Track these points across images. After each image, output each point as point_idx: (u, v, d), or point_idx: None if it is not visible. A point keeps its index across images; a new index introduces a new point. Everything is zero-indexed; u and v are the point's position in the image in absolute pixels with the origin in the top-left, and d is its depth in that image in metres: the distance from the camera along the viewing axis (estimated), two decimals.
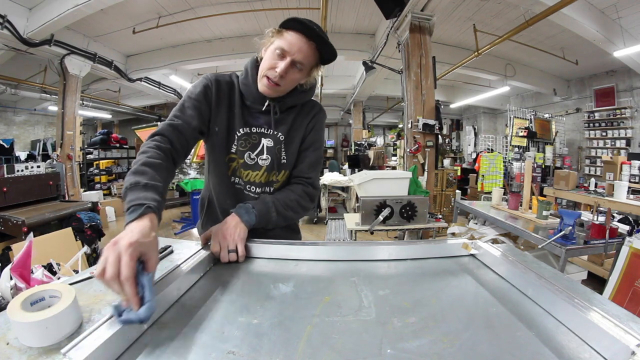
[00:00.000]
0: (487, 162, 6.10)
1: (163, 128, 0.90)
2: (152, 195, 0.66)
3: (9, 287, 0.69)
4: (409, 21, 4.00)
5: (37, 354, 0.44)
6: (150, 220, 0.61)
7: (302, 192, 1.03)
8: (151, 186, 0.69)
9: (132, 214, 0.61)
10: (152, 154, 0.79)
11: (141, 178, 0.69)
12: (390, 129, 13.75)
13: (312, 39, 0.89)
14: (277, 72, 0.89)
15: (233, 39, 6.07)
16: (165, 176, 0.77)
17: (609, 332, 0.45)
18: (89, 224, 3.32)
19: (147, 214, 0.61)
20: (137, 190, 0.67)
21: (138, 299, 0.50)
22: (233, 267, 0.79)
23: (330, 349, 0.47)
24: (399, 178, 2.63)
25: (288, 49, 0.88)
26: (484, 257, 0.81)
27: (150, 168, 0.74)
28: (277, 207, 0.95)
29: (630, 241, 1.88)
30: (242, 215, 0.89)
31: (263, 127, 1.02)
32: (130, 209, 0.62)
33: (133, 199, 0.64)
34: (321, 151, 1.12)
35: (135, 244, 0.53)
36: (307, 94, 1.06)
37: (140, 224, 0.59)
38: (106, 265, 0.50)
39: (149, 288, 0.51)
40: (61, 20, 4.27)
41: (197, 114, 0.94)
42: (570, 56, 6.15)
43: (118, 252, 0.51)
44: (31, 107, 8.91)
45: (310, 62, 0.93)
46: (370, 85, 7.99)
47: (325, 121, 1.14)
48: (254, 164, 1.02)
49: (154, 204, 0.64)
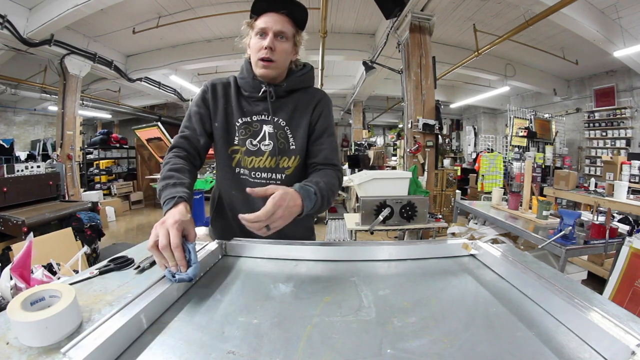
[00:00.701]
0: (487, 162, 6.10)
1: (176, 141, 1.02)
2: (181, 189, 0.81)
3: (9, 287, 0.69)
4: (409, 21, 4.00)
5: (37, 353, 0.44)
6: (184, 206, 0.75)
7: (337, 178, 1.02)
8: (179, 183, 0.84)
9: (168, 204, 0.75)
10: (173, 162, 0.93)
11: (170, 180, 0.84)
12: (390, 129, 13.75)
13: (281, 11, 0.95)
14: (265, 45, 0.94)
15: (233, 39, 6.02)
16: (189, 175, 0.91)
17: (609, 332, 0.45)
18: (89, 224, 3.32)
19: (180, 203, 0.75)
20: (168, 188, 0.81)
21: (186, 262, 0.63)
22: (233, 267, 0.79)
23: (330, 349, 0.47)
24: (399, 178, 2.63)
25: (265, 25, 0.95)
26: (484, 257, 0.81)
27: (175, 172, 0.88)
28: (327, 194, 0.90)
29: (630, 241, 1.88)
30: (305, 198, 0.81)
31: (262, 114, 1.04)
32: (166, 202, 0.77)
33: (167, 195, 0.79)
34: (335, 136, 1.13)
35: (179, 221, 0.67)
36: (305, 77, 1.08)
37: (177, 209, 0.72)
38: (159, 238, 0.64)
39: (194, 253, 0.65)
40: (61, 20, 4.27)
41: (200, 120, 1.03)
42: (570, 56, 6.15)
43: (166, 228, 0.65)
44: (31, 107, 8.90)
45: (289, 29, 0.98)
46: (370, 85, 7.99)
47: (331, 106, 1.14)
48: (256, 150, 1.04)
49: (185, 195, 0.79)
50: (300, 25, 1.01)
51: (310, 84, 1.12)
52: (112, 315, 0.48)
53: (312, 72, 1.12)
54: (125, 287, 0.65)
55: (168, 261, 0.63)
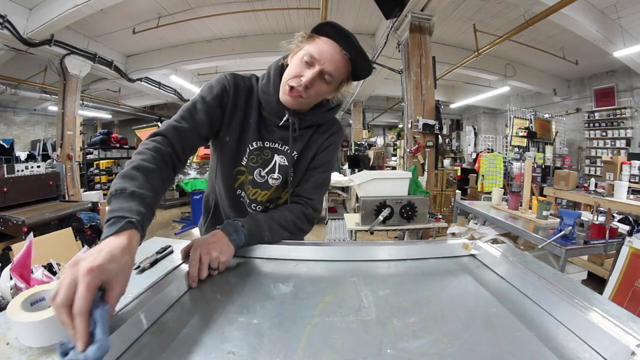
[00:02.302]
0: (487, 162, 6.10)
1: (166, 129, 0.80)
2: (137, 207, 0.58)
3: (9, 287, 0.69)
4: (409, 21, 4.00)
5: (37, 354, 0.44)
6: (129, 238, 0.52)
7: (301, 213, 0.93)
8: (138, 195, 0.60)
9: (111, 228, 0.53)
10: (148, 157, 0.70)
11: (129, 184, 0.61)
12: (390, 129, 13.77)
13: (346, 49, 0.80)
14: (303, 81, 0.80)
15: (233, 39, 6.07)
16: (159, 184, 0.68)
17: (609, 332, 0.45)
18: (89, 224, 3.32)
19: (126, 230, 0.53)
20: (122, 198, 0.59)
21: (87, 337, 0.39)
22: (233, 267, 0.79)
23: (330, 349, 0.47)
24: (399, 178, 2.63)
25: (318, 56, 0.79)
26: (484, 257, 0.81)
27: (142, 174, 0.65)
28: (271, 227, 0.85)
29: (630, 241, 1.88)
30: (231, 233, 0.77)
31: (277, 143, 0.93)
32: (109, 220, 0.55)
33: (115, 209, 0.57)
34: (330, 173, 1.02)
35: (96, 270, 0.43)
36: (330, 113, 0.97)
37: (114, 242, 0.50)
38: (59, 289, 0.41)
39: (102, 325, 0.41)
40: (61, 20, 4.27)
41: (208, 121, 0.85)
42: (570, 56, 6.15)
43: (75, 277, 0.42)
44: (31, 107, 8.91)
45: (340, 75, 0.84)
46: (370, 85, 8.00)
47: (341, 141, 1.04)
48: (263, 182, 0.95)
49: (137, 218, 0.55)
50: (355, 76, 0.88)
51: (332, 118, 1.01)
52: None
53: (339, 108, 1.00)
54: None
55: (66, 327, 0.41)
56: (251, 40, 5.95)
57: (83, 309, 0.40)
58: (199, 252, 0.69)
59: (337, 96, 0.91)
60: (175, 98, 8.83)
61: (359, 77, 0.88)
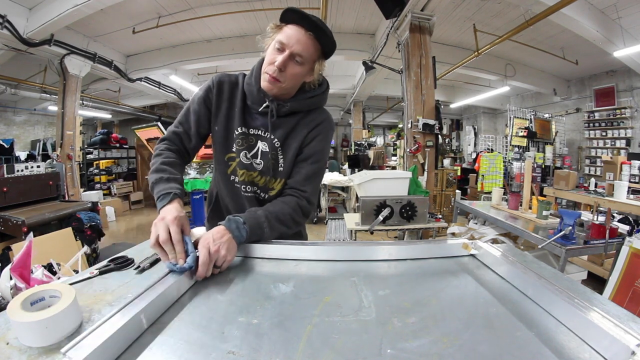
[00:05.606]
0: (487, 162, 6.10)
1: (168, 135, 1.02)
2: (175, 185, 0.86)
3: (9, 287, 0.69)
4: (409, 21, 4.00)
5: (37, 353, 0.44)
6: (179, 202, 0.82)
7: (296, 205, 0.97)
8: (172, 179, 0.88)
9: (163, 200, 0.81)
10: (166, 155, 0.96)
11: (163, 174, 0.88)
12: (390, 129, 13.76)
13: (310, 30, 0.87)
14: (276, 65, 0.87)
15: (233, 39, 6.07)
16: (180, 170, 0.96)
17: (609, 332, 0.45)
18: (89, 223, 3.32)
19: (175, 199, 0.82)
20: (162, 183, 0.86)
21: (184, 255, 0.69)
22: (233, 267, 0.79)
23: (330, 349, 0.47)
24: (399, 178, 2.63)
25: (286, 41, 0.87)
26: (484, 257, 0.81)
27: (168, 166, 0.92)
28: (270, 222, 0.88)
29: (630, 241, 1.88)
30: (233, 230, 0.79)
31: (260, 129, 1.00)
32: (160, 197, 0.82)
33: (161, 190, 0.83)
34: (322, 164, 1.05)
35: (178, 217, 0.74)
36: (315, 99, 1.01)
37: (173, 206, 0.79)
38: (159, 233, 0.70)
39: (190, 244, 0.72)
40: (61, 20, 4.27)
41: (197, 119, 1.01)
42: (570, 56, 6.15)
43: (167, 224, 0.72)
44: (31, 107, 8.90)
45: (310, 55, 0.89)
46: (370, 85, 7.99)
47: (331, 133, 1.06)
48: (249, 164, 1.02)
49: (178, 191, 0.85)
50: (325, 54, 0.94)
51: (319, 106, 1.04)
52: (112, 316, 0.48)
53: (326, 94, 1.04)
54: (125, 287, 0.65)
55: (168, 254, 0.69)
56: (251, 40, 5.93)
57: (179, 238, 0.71)
58: (207, 249, 0.71)
59: (314, 78, 0.97)
60: (175, 98, 8.83)
61: (329, 54, 0.95)
